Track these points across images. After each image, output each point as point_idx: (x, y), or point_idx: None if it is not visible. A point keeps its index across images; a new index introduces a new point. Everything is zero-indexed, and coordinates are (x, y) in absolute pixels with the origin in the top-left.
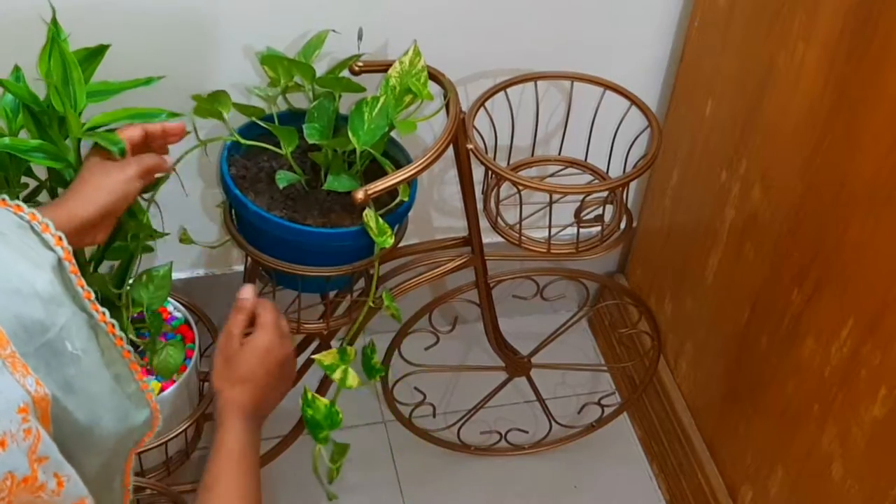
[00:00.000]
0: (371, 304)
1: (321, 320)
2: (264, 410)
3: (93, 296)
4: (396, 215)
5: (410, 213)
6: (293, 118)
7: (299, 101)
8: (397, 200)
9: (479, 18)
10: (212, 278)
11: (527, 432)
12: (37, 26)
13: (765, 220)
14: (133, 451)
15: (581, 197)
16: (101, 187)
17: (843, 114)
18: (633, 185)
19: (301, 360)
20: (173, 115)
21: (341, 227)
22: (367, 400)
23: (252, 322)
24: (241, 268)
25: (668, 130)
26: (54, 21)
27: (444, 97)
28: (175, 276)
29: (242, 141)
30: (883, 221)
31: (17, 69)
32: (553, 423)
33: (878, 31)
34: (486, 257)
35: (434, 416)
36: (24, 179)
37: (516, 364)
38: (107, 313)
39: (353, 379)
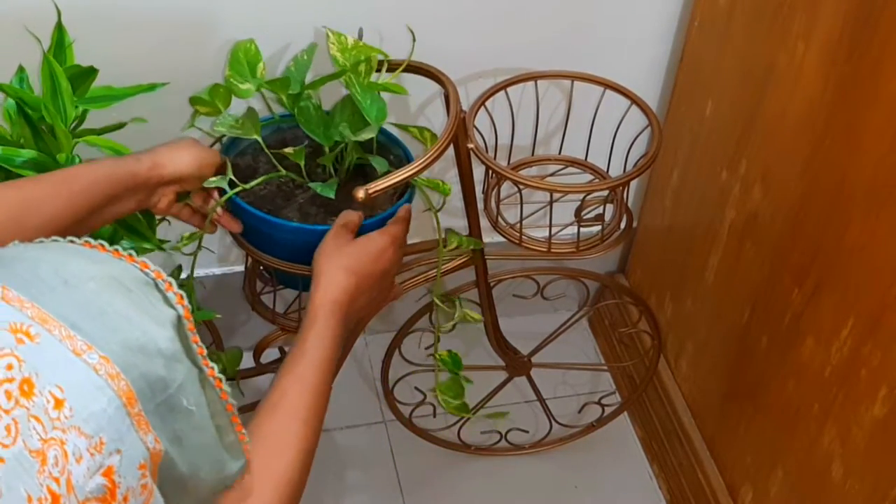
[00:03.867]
0: (443, 247)
1: None
2: (355, 315)
3: (205, 351)
4: (395, 213)
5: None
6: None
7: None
8: (442, 204)
9: (479, 18)
10: (211, 278)
11: (527, 432)
12: (43, 27)
13: (765, 220)
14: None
15: (581, 196)
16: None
17: (843, 114)
18: (633, 184)
19: None
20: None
21: (377, 216)
22: (367, 400)
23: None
24: (241, 268)
25: (668, 130)
26: (59, 26)
27: (445, 96)
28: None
29: (247, 186)
30: (883, 221)
31: (21, 70)
32: (553, 422)
33: (878, 31)
34: (486, 257)
35: (434, 415)
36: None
37: (517, 363)
38: (216, 368)
39: (474, 314)
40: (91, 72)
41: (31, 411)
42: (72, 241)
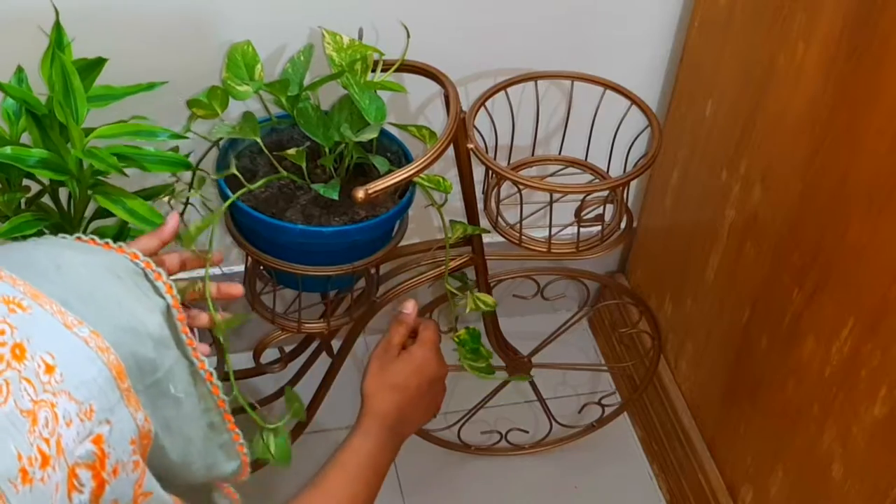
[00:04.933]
0: (449, 236)
1: (321, 320)
2: (406, 426)
3: (195, 343)
4: (396, 213)
5: (411, 213)
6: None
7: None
8: (445, 200)
9: (479, 18)
10: (211, 278)
11: (527, 432)
12: (40, 26)
13: (765, 220)
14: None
15: (581, 196)
16: None
17: (844, 113)
18: (633, 184)
19: (301, 360)
20: (175, 135)
21: (372, 219)
22: None
23: (413, 336)
24: (240, 268)
25: (668, 130)
26: (57, 25)
27: (444, 96)
28: (174, 276)
29: (252, 187)
30: (883, 221)
31: (19, 70)
32: (553, 422)
33: (878, 31)
34: (486, 257)
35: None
36: (25, 182)
37: (517, 364)
38: (206, 362)
39: (487, 299)
40: (98, 63)
41: (23, 374)
42: (63, 237)
